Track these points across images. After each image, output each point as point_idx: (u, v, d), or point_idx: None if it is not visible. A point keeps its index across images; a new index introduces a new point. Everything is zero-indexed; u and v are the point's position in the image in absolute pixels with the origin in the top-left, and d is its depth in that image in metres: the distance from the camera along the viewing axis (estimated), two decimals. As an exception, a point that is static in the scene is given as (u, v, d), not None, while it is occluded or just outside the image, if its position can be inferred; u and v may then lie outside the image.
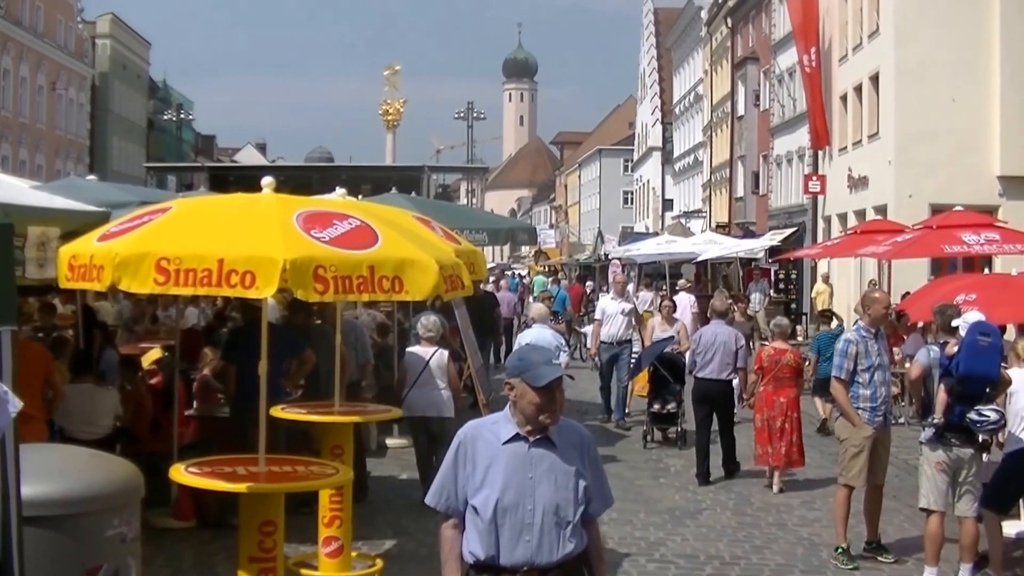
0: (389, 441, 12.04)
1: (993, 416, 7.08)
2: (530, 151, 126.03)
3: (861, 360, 7.96)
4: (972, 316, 7.46)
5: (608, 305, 14.41)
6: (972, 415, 7.10)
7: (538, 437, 3.85)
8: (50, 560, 4.18)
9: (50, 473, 4.41)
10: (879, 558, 8.11)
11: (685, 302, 20.27)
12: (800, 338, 23.22)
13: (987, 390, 7.20)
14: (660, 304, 14.23)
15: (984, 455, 7.64)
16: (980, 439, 7.29)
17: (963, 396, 7.14)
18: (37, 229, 6.19)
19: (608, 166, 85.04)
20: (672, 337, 13.15)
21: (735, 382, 11.24)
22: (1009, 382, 7.53)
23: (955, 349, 7.31)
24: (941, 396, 7.31)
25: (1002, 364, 7.75)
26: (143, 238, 5.00)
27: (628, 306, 14.23)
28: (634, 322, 14.22)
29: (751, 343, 15.34)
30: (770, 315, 20.39)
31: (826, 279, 25.57)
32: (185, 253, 4.79)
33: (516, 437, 3.86)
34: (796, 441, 10.52)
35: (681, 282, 24.79)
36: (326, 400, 7.73)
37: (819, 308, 24.59)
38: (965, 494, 7.32)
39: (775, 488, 10.39)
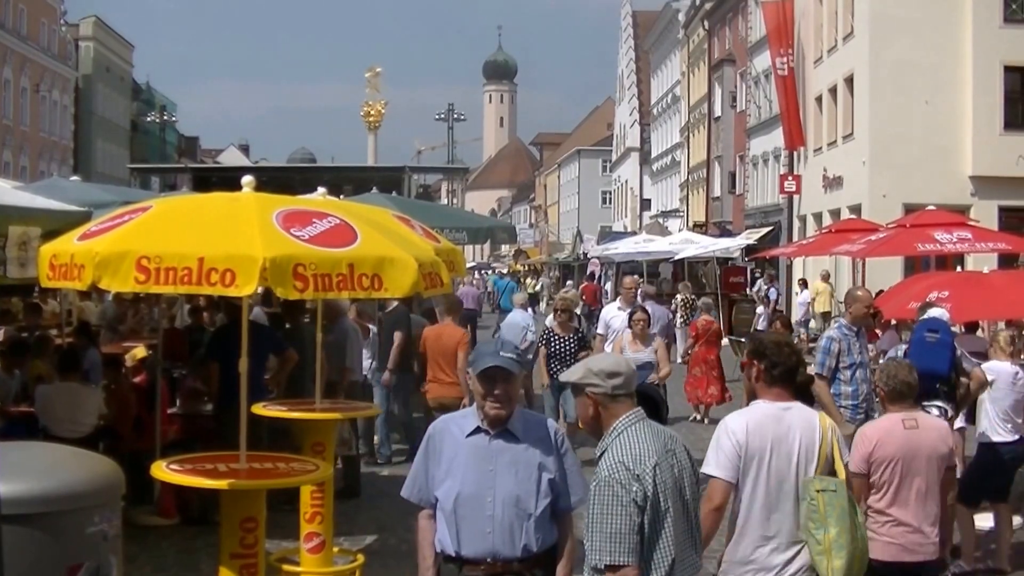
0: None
1: (935, 412, 7.07)
2: (510, 152, 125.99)
3: (843, 358, 7.95)
4: (933, 312, 7.58)
5: (614, 317, 11.83)
6: None
7: (499, 430, 3.91)
8: (30, 558, 4.19)
9: (29, 471, 4.41)
10: None
11: None
12: (786, 330, 23.39)
13: (937, 385, 7.23)
14: (632, 317, 10.77)
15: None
16: None
17: None
18: (18, 229, 6.22)
19: (587, 166, 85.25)
20: (650, 363, 10.03)
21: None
22: (981, 379, 7.61)
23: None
24: None
25: (976, 362, 7.86)
26: (123, 237, 5.00)
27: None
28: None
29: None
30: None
31: (826, 278, 25.37)
32: (165, 252, 4.78)
33: (477, 430, 3.93)
34: (723, 386, 14.54)
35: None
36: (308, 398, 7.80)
37: (819, 308, 24.77)
38: None
39: (706, 421, 13.82)
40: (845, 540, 4.18)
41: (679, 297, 23.62)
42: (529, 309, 14.53)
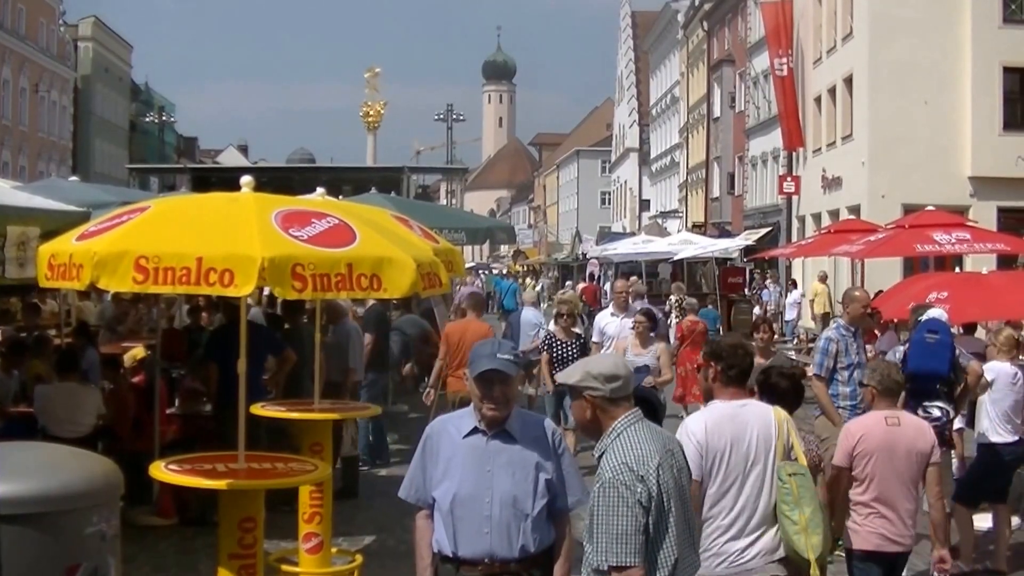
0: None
1: (936, 413, 7.12)
2: (509, 152, 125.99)
3: (841, 358, 7.97)
4: (932, 312, 7.58)
5: (608, 324, 11.12)
6: (919, 412, 7.20)
7: (497, 430, 3.90)
8: (29, 558, 4.18)
9: (27, 471, 4.40)
10: None
11: None
12: (769, 334, 23.41)
13: (937, 386, 7.26)
14: (633, 320, 10.46)
15: (951, 451, 7.75)
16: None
17: (914, 392, 7.17)
18: (17, 229, 6.21)
19: (586, 167, 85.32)
20: (647, 367, 9.38)
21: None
22: (978, 372, 7.61)
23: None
24: None
25: (974, 359, 7.86)
26: (122, 237, 4.99)
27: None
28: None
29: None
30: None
31: (824, 279, 25.30)
32: (164, 251, 4.78)
33: (475, 431, 3.92)
34: None
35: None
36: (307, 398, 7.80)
37: (817, 310, 24.74)
38: None
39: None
40: (819, 519, 4.45)
41: (673, 298, 23.68)
42: (540, 308, 14.81)
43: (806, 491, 4.44)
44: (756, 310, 25.54)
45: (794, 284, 27.93)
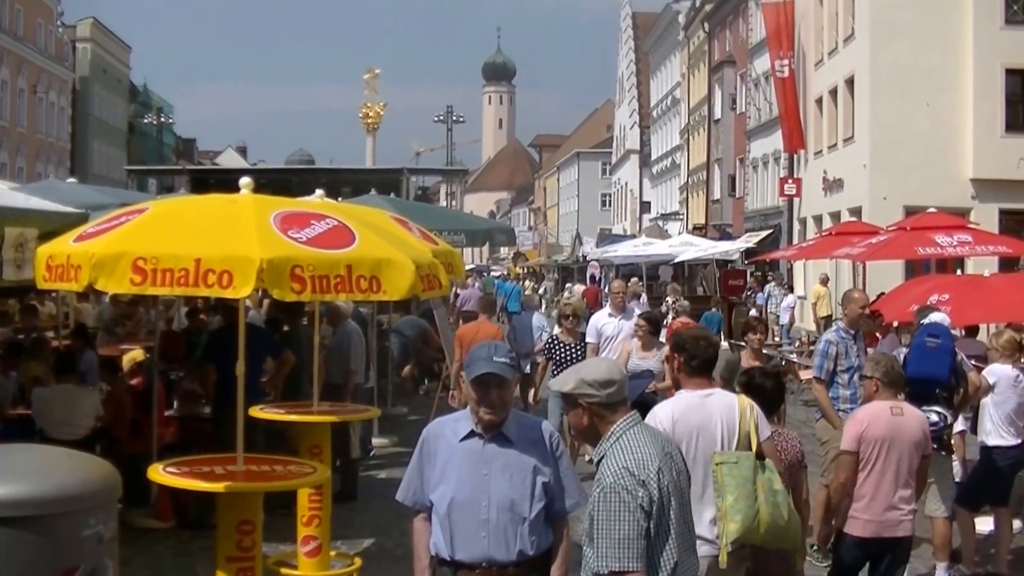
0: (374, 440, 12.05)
1: (934, 417, 7.05)
2: (509, 154, 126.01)
3: (841, 361, 7.97)
4: (934, 316, 7.56)
5: (605, 324, 10.70)
6: None
7: (493, 434, 3.88)
8: (25, 561, 4.15)
9: (24, 473, 4.38)
10: None
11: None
12: (763, 335, 23.35)
13: (937, 391, 7.21)
14: (634, 325, 10.11)
15: (952, 455, 7.71)
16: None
17: (913, 397, 7.13)
18: (15, 230, 6.19)
19: (586, 169, 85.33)
20: (651, 372, 9.20)
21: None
22: (977, 384, 7.57)
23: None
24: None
25: (974, 365, 7.82)
26: (120, 238, 4.98)
27: (629, 324, 10.29)
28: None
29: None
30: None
31: (824, 282, 25.10)
32: (162, 253, 4.76)
33: (471, 434, 3.90)
34: None
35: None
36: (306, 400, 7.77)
37: (818, 313, 24.70)
38: (931, 494, 7.39)
39: None
40: (742, 505, 4.58)
41: (669, 300, 23.67)
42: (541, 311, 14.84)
43: (732, 479, 4.59)
44: (753, 313, 25.49)
45: (789, 288, 27.84)
